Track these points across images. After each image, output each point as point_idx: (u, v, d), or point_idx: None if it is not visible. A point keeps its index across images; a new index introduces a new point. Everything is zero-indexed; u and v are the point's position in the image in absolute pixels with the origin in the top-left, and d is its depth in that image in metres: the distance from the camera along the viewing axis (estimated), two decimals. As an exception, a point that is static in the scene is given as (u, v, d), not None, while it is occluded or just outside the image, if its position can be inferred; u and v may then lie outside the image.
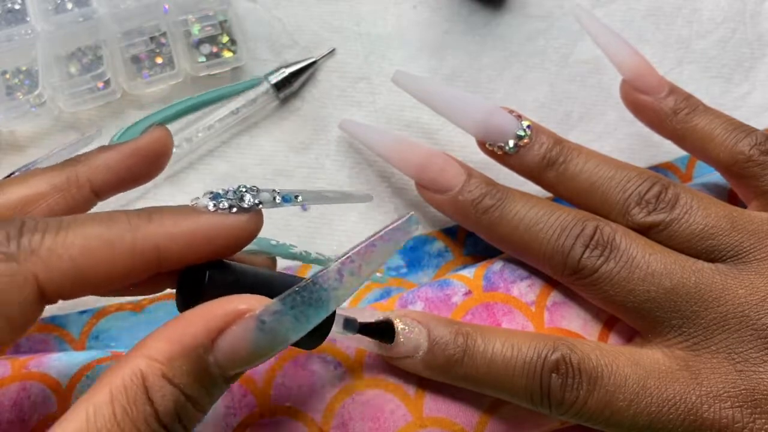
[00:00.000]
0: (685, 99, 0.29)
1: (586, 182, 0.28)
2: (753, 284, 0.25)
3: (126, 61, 0.33)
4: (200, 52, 0.34)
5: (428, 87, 0.30)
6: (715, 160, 0.28)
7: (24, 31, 0.33)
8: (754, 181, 0.27)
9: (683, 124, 0.29)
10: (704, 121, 0.29)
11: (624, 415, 0.24)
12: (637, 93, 0.30)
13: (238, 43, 0.34)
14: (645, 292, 0.26)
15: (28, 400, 0.27)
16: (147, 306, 0.31)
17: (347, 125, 0.32)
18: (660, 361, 0.25)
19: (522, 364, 0.25)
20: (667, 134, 0.30)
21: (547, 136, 0.29)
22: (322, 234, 0.33)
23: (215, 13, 0.33)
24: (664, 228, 0.26)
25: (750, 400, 0.24)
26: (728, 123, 0.28)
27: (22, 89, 0.33)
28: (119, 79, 0.33)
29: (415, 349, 0.26)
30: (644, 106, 0.30)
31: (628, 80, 0.30)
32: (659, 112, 0.29)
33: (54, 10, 0.33)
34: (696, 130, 0.29)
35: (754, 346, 0.25)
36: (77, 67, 0.33)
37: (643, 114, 0.30)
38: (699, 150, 0.29)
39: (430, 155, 0.29)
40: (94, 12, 0.33)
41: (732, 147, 0.28)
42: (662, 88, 0.29)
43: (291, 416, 0.26)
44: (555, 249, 0.27)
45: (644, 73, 0.29)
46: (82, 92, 0.32)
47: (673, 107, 0.29)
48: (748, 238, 0.26)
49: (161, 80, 0.33)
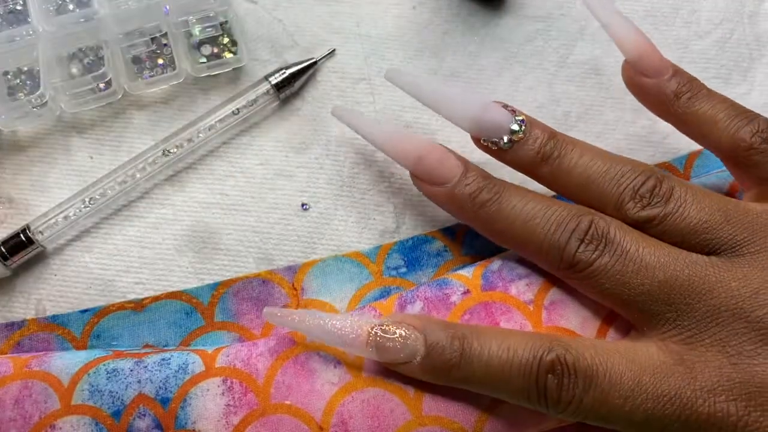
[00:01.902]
0: (688, 82, 0.29)
1: (580, 177, 0.28)
2: (746, 277, 0.25)
3: (127, 61, 0.33)
4: (201, 53, 0.34)
5: (421, 83, 0.30)
6: (716, 147, 0.28)
7: (25, 31, 0.33)
8: (755, 169, 0.27)
9: (685, 108, 0.28)
10: (707, 105, 0.28)
11: (620, 411, 0.25)
12: (639, 75, 0.29)
13: (239, 44, 0.34)
14: (639, 285, 0.26)
15: (29, 399, 0.27)
16: (148, 305, 0.32)
17: (340, 112, 0.31)
18: (655, 356, 0.25)
19: (518, 365, 0.25)
20: (668, 118, 0.29)
21: (542, 131, 0.28)
22: (321, 233, 0.33)
23: (216, 14, 0.34)
24: (659, 222, 0.27)
25: (744, 393, 0.24)
26: (731, 108, 0.28)
27: (24, 90, 0.33)
28: (120, 80, 0.33)
29: (413, 356, 0.26)
30: (646, 88, 0.29)
31: (631, 61, 0.29)
32: (661, 96, 0.29)
33: (55, 11, 0.33)
34: (698, 114, 0.28)
35: (747, 339, 0.25)
36: (78, 67, 0.33)
37: (645, 96, 0.30)
38: (699, 135, 0.28)
39: (428, 146, 0.29)
40: (95, 13, 0.33)
41: (733, 134, 0.27)
42: (666, 70, 0.29)
43: (291, 414, 0.26)
44: (551, 243, 0.27)
45: (647, 53, 0.29)
46: (83, 93, 0.32)
47: (676, 90, 0.28)
48: (741, 231, 0.26)
49: (162, 81, 0.33)
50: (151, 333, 0.31)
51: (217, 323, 0.31)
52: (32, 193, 0.33)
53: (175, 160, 0.33)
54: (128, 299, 0.32)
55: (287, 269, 0.32)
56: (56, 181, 0.33)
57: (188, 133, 0.32)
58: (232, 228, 0.33)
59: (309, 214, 0.33)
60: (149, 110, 0.34)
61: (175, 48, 0.33)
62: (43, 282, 0.32)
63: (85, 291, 0.32)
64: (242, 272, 0.32)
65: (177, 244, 0.32)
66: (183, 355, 0.28)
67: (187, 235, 0.33)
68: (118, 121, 0.34)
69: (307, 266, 0.32)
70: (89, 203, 0.32)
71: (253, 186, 0.33)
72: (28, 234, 0.31)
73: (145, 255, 0.32)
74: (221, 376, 0.27)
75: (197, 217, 0.33)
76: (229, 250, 0.32)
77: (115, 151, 0.33)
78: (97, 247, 0.32)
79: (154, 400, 0.27)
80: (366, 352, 0.26)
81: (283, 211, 0.33)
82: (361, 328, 0.26)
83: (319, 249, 0.33)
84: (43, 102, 0.32)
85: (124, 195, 0.32)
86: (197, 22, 0.33)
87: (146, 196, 0.33)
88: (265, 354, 0.28)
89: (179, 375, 0.27)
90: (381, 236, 0.33)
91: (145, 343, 0.31)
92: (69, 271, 0.32)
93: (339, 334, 0.26)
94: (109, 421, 0.26)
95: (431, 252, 0.33)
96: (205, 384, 0.27)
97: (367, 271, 0.32)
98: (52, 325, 0.31)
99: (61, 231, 0.31)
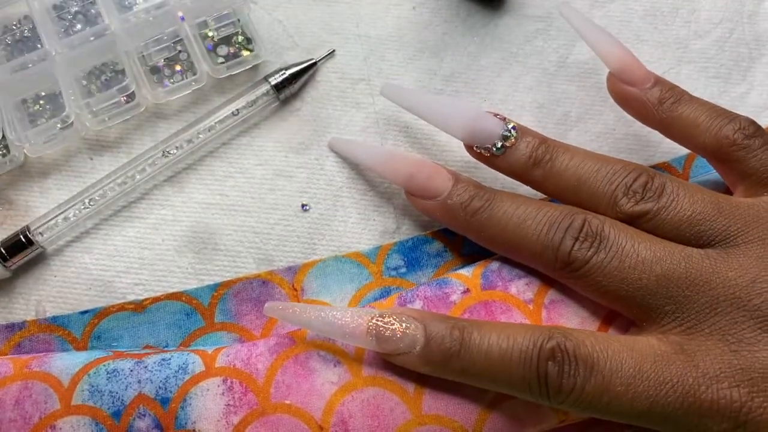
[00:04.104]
0: (670, 89, 0.29)
1: (572, 178, 0.28)
2: (742, 266, 0.26)
3: (146, 72, 0.33)
4: (218, 54, 0.34)
5: (414, 97, 0.31)
6: (701, 147, 0.29)
7: (38, 56, 0.32)
8: (739, 165, 0.28)
9: (669, 113, 0.29)
10: (689, 109, 0.29)
11: (622, 399, 0.25)
12: (623, 85, 0.30)
13: (255, 41, 0.34)
14: (637, 280, 0.26)
15: (29, 399, 0.27)
16: (148, 306, 0.32)
17: (336, 143, 0.33)
18: (655, 346, 0.25)
19: (518, 354, 0.25)
20: (653, 124, 0.30)
21: (533, 136, 0.29)
22: (322, 234, 0.33)
23: (230, 13, 0.34)
24: (653, 217, 0.27)
25: (747, 379, 0.24)
26: (712, 110, 0.29)
27: (45, 114, 0.33)
28: (142, 91, 0.32)
29: (412, 345, 0.26)
30: (631, 97, 0.30)
31: (615, 73, 0.30)
32: (645, 103, 0.29)
33: (64, 32, 0.33)
34: (681, 118, 0.29)
35: (747, 327, 0.25)
36: (97, 84, 0.33)
37: (630, 105, 0.30)
38: (685, 138, 0.29)
39: (418, 164, 0.30)
40: (105, 29, 0.33)
41: (716, 132, 0.28)
42: (648, 80, 0.30)
43: (291, 414, 0.26)
44: (545, 244, 0.27)
45: (630, 65, 0.30)
46: (107, 108, 0.32)
47: (659, 97, 0.29)
48: (734, 223, 0.26)
49: (183, 87, 0.33)
50: (151, 334, 0.31)
51: (217, 324, 0.31)
52: (31, 195, 0.33)
53: (175, 161, 0.33)
54: (128, 300, 0.32)
55: (287, 270, 0.32)
56: (56, 183, 0.33)
57: (188, 134, 0.32)
58: (232, 229, 0.33)
59: (309, 214, 0.33)
60: (173, 119, 0.34)
61: (193, 52, 0.33)
62: (43, 283, 0.32)
63: (85, 292, 0.32)
64: (242, 273, 0.32)
65: (177, 245, 0.32)
66: (183, 355, 0.28)
67: (187, 236, 0.33)
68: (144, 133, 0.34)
69: (307, 267, 0.32)
70: (89, 204, 0.32)
71: (253, 187, 0.33)
72: (28, 235, 0.31)
73: (145, 256, 0.32)
74: (221, 376, 0.27)
75: (197, 217, 0.33)
76: (229, 251, 0.32)
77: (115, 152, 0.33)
78: (96, 248, 0.32)
79: (154, 400, 0.27)
80: (366, 343, 0.26)
81: (283, 211, 0.33)
82: (362, 318, 0.26)
83: (319, 249, 0.33)
84: (69, 123, 0.32)
85: (123, 196, 0.32)
86: (212, 22, 0.33)
87: (146, 197, 0.33)
88: (265, 354, 0.28)
89: (179, 375, 0.27)
90: (381, 237, 0.33)
91: (146, 344, 0.31)
92: (69, 272, 0.32)
93: (339, 324, 0.26)
94: (109, 421, 0.26)
95: (431, 252, 0.33)
96: (205, 384, 0.27)
97: (367, 271, 0.32)
98: (53, 326, 0.31)
99: (61, 232, 0.31)
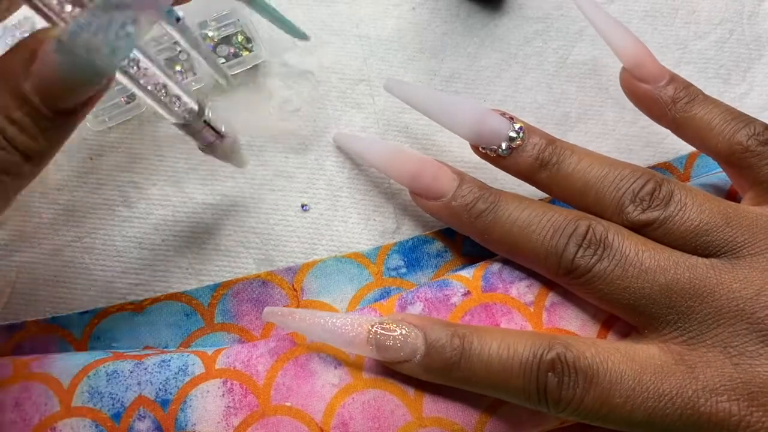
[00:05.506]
0: (684, 88, 0.29)
1: (579, 181, 0.28)
2: (747, 278, 0.25)
3: None
4: (218, 55, 0.34)
5: (419, 93, 0.30)
6: (713, 151, 0.28)
7: None
8: (750, 171, 0.27)
9: (682, 113, 0.29)
10: (703, 110, 0.28)
11: (621, 411, 0.25)
12: (637, 82, 0.29)
13: (255, 40, 0.34)
14: (640, 289, 0.26)
15: (29, 401, 0.27)
16: (148, 306, 0.32)
17: (340, 138, 0.33)
18: (656, 356, 0.25)
19: (519, 364, 0.25)
20: (666, 123, 0.30)
21: (540, 137, 0.28)
22: (321, 234, 0.33)
23: (229, 13, 0.33)
24: (659, 226, 0.27)
25: (746, 393, 0.24)
26: (727, 113, 0.28)
27: None
28: None
29: (413, 354, 0.26)
30: (644, 94, 0.29)
31: (628, 68, 0.30)
32: (659, 102, 0.29)
33: None
34: (695, 119, 0.28)
35: (749, 340, 0.25)
36: None
37: (642, 103, 0.30)
38: (697, 140, 0.29)
39: (423, 163, 0.29)
40: None
41: (730, 137, 0.28)
42: (662, 77, 0.29)
43: (291, 416, 0.26)
44: (548, 249, 0.27)
45: (644, 61, 0.29)
46: (107, 109, 0.32)
47: (673, 96, 0.29)
48: (741, 233, 0.26)
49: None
50: (151, 334, 0.31)
51: (217, 324, 0.31)
52: (32, 195, 0.33)
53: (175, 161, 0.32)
54: (128, 300, 0.32)
55: (287, 270, 0.32)
56: (56, 183, 0.33)
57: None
58: (232, 229, 0.33)
59: (309, 214, 0.33)
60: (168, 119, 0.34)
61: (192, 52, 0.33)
62: (42, 283, 0.32)
63: (85, 292, 0.32)
64: (242, 273, 0.32)
65: (177, 245, 0.32)
66: (183, 356, 0.28)
67: (187, 236, 0.32)
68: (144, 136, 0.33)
69: (307, 267, 0.32)
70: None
71: (252, 187, 0.33)
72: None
73: (145, 256, 0.32)
74: (221, 378, 0.27)
75: (197, 218, 0.33)
76: (228, 251, 0.32)
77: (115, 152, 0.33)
78: (97, 248, 0.32)
79: (154, 402, 0.27)
80: (366, 351, 0.26)
81: (283, 212, 0.33)
82: (362, 326, 0.26)
83: (319, 250, 0.33)
84: None
85: (123, 196, 0.32)
86: (212, 22, 0.33)
87: (146, 197, 0.33)
88: (266, 355, 0.28)
89: (179, 377, 0.27)
90: (381, 237, 0.33)
91: (145, 344, 0.31)
92: (69, 272, 0.32)
93: (339, 332, 0.26)
94: (109, 423, 0.26)
95: (431, 253, 0.33)
96: (205, 386, 0.27)
97: (367, 271, 0.32)
98: (53, 326, 0.31)
99: None
